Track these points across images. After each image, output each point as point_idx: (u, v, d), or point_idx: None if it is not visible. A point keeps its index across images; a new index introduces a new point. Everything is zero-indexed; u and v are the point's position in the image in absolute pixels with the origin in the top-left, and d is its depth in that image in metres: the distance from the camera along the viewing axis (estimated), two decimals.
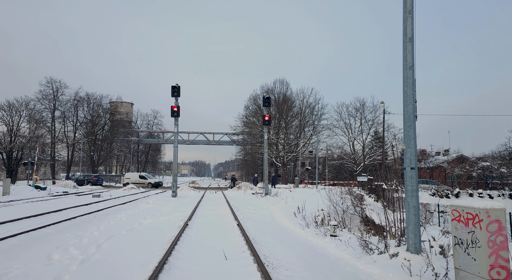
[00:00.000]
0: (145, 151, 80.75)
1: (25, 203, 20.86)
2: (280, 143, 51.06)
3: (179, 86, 25.68)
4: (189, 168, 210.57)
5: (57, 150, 63.68)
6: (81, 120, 64.27)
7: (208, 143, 68.63)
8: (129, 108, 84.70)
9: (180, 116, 26.31)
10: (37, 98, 59.46)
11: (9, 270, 6.22)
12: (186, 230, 10.88)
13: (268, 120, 28.29)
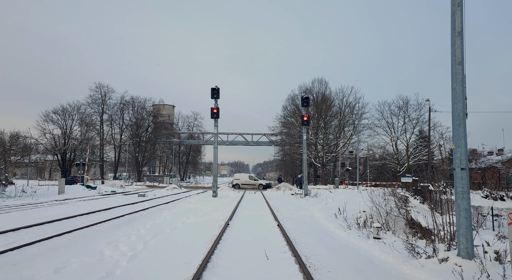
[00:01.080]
0: (186, 152, 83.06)
1: (78, 201, 22.27)
2: (319, 143, 50.40)
3: (218, 88, 26.17)
4: (228, 169, 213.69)
5: (105, 151, 67.34)
6: (127, 122, 67.51)
7: (247, 144, 69.23)
8: (171, 110, 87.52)
9: (219, 117, 26.80)
10: (87, 102, 63.38)
11: (67, 263, 6.69)
12: (227, 229, 11.08)
13: (306, 120, 28.03)
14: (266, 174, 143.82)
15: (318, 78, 52.87)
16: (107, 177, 74.44)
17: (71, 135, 58.02)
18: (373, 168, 53.51)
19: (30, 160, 40.03)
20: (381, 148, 51.67)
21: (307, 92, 48.98)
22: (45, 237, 9.19)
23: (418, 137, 47.90)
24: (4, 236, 9.53)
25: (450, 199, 8.51)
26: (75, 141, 58.10)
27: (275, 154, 76.88)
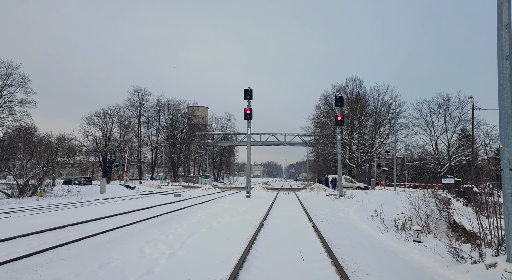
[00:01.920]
0: (219, 153, 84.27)
1: (118, 201, 23.23)
2: (353, 143, 49.34)
3: (251, 89, 26.33)
4: (261, 169, 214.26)
5: (142, 153, 69.86)
6: (163, 124, 69.68)
7: (280, 144, 69.11)
8: (205, 112, 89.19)
9: (252, 118, 26.95)
10: (126, 105, 66.13)
11: (111, 260, 7.01)
12: (262, 230, 11.12)
13: (340, 120, 27.54)
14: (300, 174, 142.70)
15: (352, 77, 51.76)
16: (145, 177, 77.06)
17: (111, 137, 60.71)
18: (411, 168, 51.61)
19: (75, 161, 42.26)
20: (420, 148, 49.74)
21: (341, 92, 48.11)
22: (90, 234, 9.68)
23: (461, 136, 45.63)
24: (53, 233, 10.14)
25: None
26: (115, 143, 60.72)
27: (309, 154, 76.28)
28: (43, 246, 8.23)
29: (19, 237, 9.22)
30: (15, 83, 45.11)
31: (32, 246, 8.30)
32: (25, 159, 29.74)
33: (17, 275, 5.99)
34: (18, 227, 11.01)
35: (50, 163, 28.84)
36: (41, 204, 20.56)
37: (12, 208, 18.09)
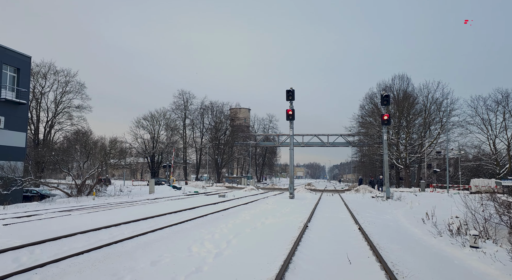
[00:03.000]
0: (262, 154, 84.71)
1: (166, 201, 24.15)
2: (401, 143, 47.31)
3: (293, 90, 26.21)
4: (304, 170, 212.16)
5: (188, 154, 72.07)
6: (207, 126, 71.46)
7: (323, 145, 68.02)
8: (247, 113, 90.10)
9: (295, 119, 26.79)
10: (172, 108, 68.73)
11: (161, 257, 7.32)
12: (306, 231, 11.02)
13: (387, 119, 26.55)
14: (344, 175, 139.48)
15: (399, 75, 49.64)
16: (190, 178, 79.40)
17: (158, 140, 63.41)
18: (465, 169, 48.45)
19: (126, 162, 44.62)
20: (475, 148, 46.57)
21: (387, 90, 46.36)
22: (141, 232, 10.16)
23: None
24: (108, 230, 10.78)
25: None
26: (162, 145, 63.29)
27: (353, 155, 74.35)
28: (100, 242, 8.78)
29: (79, 234, 9.91)
30: (73, 90, 48.70)
31: (91, 242, 8.88)
32: (82, 160, 31.89)
33: (79, 268, 6.45)
34: (78, 224, 11.84)
35: (104, 164, 30.68)
36: (97, 203, 21.92)
37: (72, 206, 19.47)
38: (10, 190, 23.08)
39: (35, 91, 45.31)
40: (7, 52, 24.93)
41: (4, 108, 24.30)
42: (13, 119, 25.00)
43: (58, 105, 47.95)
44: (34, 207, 19.96)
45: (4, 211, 17.06)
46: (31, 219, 13.51)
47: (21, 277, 5.86)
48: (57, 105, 47.87)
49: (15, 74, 25.83)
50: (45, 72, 46.31)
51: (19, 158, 25.29)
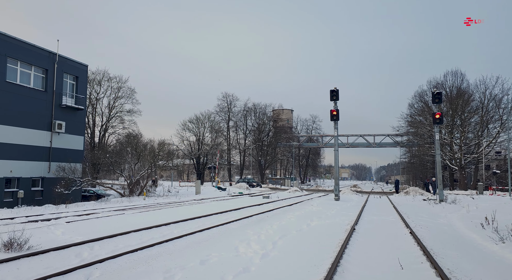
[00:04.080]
0: (305, 155, 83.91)
1: (212, 201, 24.72)
2: (455, 143, 44.53)
3: (337, 90, 25.70)
4: (349, 171, 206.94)
5: (232, 155, 73.30)
6: (250, 128, 72.20)
7: (369, 145, 65.92)
8: (289, 114, 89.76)
9: (339, 119, 26.25)
10: (216, 111, 70.35)
11: (210, 257, 7.51)
12: (353, 234, 10.74)
13: (439, 118, 25.14)
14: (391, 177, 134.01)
15: (452, 71, 46.79)
16: (234, 179, 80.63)
17: (203, 142, 65.16)
18: None
19: (173, 163, 46.31)
20: None
21: (438, 87, 43.90)
22: (190, 232, 10.49)
23: None
24: (159, 229, 11.26)
25: None
26: (207, 146, 64.93)
27: (401, 155, 71.30)
28: (152, 241, 9.19)
29: (132, 232, 10.45)
30: (124, 95, 51.57)
31: (143, 240, 9.33)
32: (133, 162, 33.57)
33: (133, 265, 6.81)
34: (131, 223, 12.50)
35: (153, 165, 32.06)
36: (147, 203, 22.97)
37: (125, 206, 20.58)
38: (70, 189, 24.89)
39: (91, 97, 48.54)
40: (68, 62, 26.97)
41: (65, 114, 26.29)
42: (72, 124, 26.96)
43: (111, 110, 51.02)
44: (92, 206, 21.36)
45: (66, 210, 18.43)
46: (89, 217, 14.47)
47: (84, 271, 6.30)
48: (111, 110, 50.96)
49: (74, 82, 27.85)
50: (100, 79, 49.53)
51: (78, 160, 27.20)
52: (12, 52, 22.64)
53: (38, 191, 24.26)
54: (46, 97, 24.94)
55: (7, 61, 22.38)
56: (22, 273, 6.15)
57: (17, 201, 22.27)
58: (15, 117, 22.51)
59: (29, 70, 24.08)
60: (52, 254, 7.66)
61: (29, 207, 21.35)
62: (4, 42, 22.15)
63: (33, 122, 23.79)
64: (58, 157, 25.51)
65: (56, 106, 25.52)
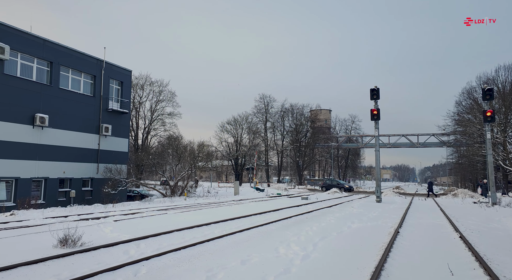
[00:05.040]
0: (344, 156, 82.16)
1: (250, 202, 24.88)
2: (508, 142, 41.52)
3: (378, 89, 24.94)
4: (390, 173, 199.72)
5: (269, 156, 73.37)
6: (287, 129, 71.92)
7: (412, 146, 63.25)
8: (327, 115, 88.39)
9: (380, 119, 25.45)
10: (253, 112, 70.84)
11: (250, 257, 7.56)
12: (398, 237, 10.35)
13: (490, 116, 23.60)
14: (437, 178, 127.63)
15: (505, 65, 43.57)
16: (272, 180, 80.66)
17: (241, 143, 65.83)
18: None
19: (212, 164, 47.23)
20: None
21: (489, 83, 41.18)
22: (230, 232, 10.63)
23: None
24: (200, 229, 11.52)
25: None
26: (245, 148, 65.52)
27: (448, 156, 67.71)
28: (194, 240, 9.42)
29: (175, 231, 10.78)
30: (165, 98, 53.44)
31: (186, 239, 9.58)
32: (174, 163, 34.64)
33: (177, 263, 7.02)
34: (173, 222, 12.90)
35: (193, 166, 32.88)
36: (188, 203, 23.58)
37: (167, 206, 21.27)
38: (117, 190, 26.16)
39: (135, 101, 50.76)
40: (113, 68, 28.42)
41: (111, 117, 27.70)
42: (118, 127, 28.34)
43: (153, 113, 53.04)
44: (136, 205, 22.30)
45: (113, 209, 19.39)
46: (135, 216, 15.12)
47: (132, 267, 6.59)
48: (152, 113, 52.99)
49: (119, 87, 29.28)
50: (142, 83, 51.71)
51: (123, 161, 28.53)
52: (65, 60, 24.22)
53: (88, 190, 25.73)
54: (94, 102, 26.42)
55: (60, 69, 23.97)
56: (77, 268, 6.54)
57: (70, 200, 23.76)
58: (67, 121, 24.05)
59: (79, 77, 25.64)
60: (102, 250, 8.09)
61: (80, 206, 22.72)
62: (58, 51, 23.75)
63: (83, 126, 25.29)
64: (105, 159, 26.91)
65: (103, 110, 26.96)
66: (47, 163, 22.56)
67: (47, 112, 22.46)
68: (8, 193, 20.49)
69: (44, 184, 22.53)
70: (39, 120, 21.61)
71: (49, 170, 22.71)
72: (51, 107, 22.91)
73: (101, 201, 24.49)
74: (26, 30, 21.81)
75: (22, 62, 21.64)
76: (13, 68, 21.09)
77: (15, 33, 21.02)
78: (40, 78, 22.74)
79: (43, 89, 22.58)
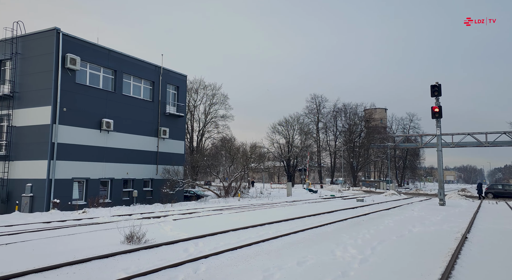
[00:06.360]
0: (402, 156, 78.27)
1: (304, 203, 24.67)
2: None
3: (439, 85, 23.42)
4: (455, 174, 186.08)
5: (322, 157, 72.21)
6: (340, 129, 70.27)
7: (479, 145, 58.45)
8: (383, 114, 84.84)
9: (442, 117, 23.85)
10: (305, 113, 70.31)
11: (306, 258, 7.49)
12: (466, 243, 9.62)
13: None
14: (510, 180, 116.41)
15: None
16: (324, 181, 79.23)
17: (293, 144, 65.55)
18: None
19: (264, 166, 47.59)
20: None
21: None
22: (285, 233, 10.63)
23: None
24: (255, 229, 11.66)
25: None
26: (296, 149, 65.14)
27: None
28: (249, 240, 9.56)
29: (231, 231, 11.02)
30: (218, 101, 54.95)
31: (241, 239, 9.76)
32: (227, 164, 35.46)
33: (234, 262, 7.17)
34: (228, 222, 13.20)
35: (246, 168, 33.38)
36: (242, 204, 23.99)
37: (222, 206, 21.84)
38: (174, 190, 27.40)
39: (190, 104, 52.84)
40: (170, 74, 29.87)
41: (168, 121, 29.12)
42: (174, 130, 29.70)
43: (207, 116, 54.80)
44: (193, 205, 23.18)
45: (172, 208, 20.36)
46: (192, 216, 15.72)
47: (192, 265, 6.86)
48: (206, 116, 54.76)
49: (175, 92, 30.68)
50: (196, 87, 53.67)
51: (180, 163, 29.82)
52: (127, 68, 25.95)
53: (148, 191, 27.26)
54: (153, 107, 27.95)
55: (123, 76, 25.73)
56: (142, 263, 6.96)
57: (133, 199, 25.35)
58: (129, 125, 25.71)
59: (140, 83, 27.30)
60: (164, 247, 8.53)
61: (142, 205, 24.14)
62: (121, 60, 25.53)
63: (143, 130, 26.87)
64: (163, 160, 28.33)
65: (161, 114, 28.41)
66: (112, 164, 24.29)
67: (112, 117, 24.18)
68: (80, 192, 22.40)
69: (110, 184, 24.29)
70: (105, 125, 23.36)
71: (114, 171, 24.43)
72: (115, 113, 24.64)
73: (161, 200, 25.79)
74: (93, 42, 23.71)
75: (91, 72, 23.55)
76: (83, 78, 23.02)
77: (84, 45, 22.94)
78: (106, 85, 24.57)
79: (108, 96, 24.37)
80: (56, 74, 20.90)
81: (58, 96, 20.87)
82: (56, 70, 20.94)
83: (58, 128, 20.84)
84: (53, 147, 20.57)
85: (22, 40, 22.22)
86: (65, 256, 7.45)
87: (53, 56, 20.92)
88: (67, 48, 21.54)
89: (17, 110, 21.80)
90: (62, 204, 20.24)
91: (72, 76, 21.89)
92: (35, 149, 20.90)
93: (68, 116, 21.46)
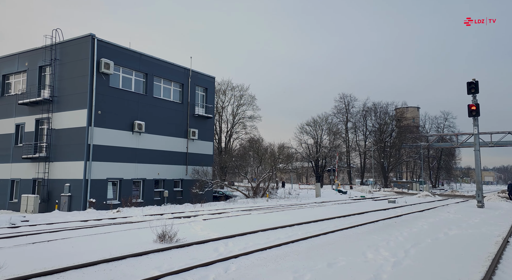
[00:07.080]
0: (436, 156, 75.39)
1: (333, 204, 24.32)
2: None
3: (476, 82, 22.38)
4: (494, 175, 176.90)
5: (351, 158, 70.89)
6: (370, 129, 68.66)
7: None
8: (415, 112, 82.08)
9: (479, 115, 22.78)
10: (333, 113, 69.27)
11: (337, 260, 7.38)
12: (508, 247, 9.15)
13: None
14: None
15: None
16: (354, 182, 77.69)
17: (321, 144, 64.77)
18: None
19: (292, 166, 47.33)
20: None
21: None
22: (314, 234, 10.52)
23: None
24: (284, 230, 11.62)
25: None
26: (325, 149, 64.31)
27: None
28: (278, 241, 9.54)
29: (260, 231, 11.05)
30: (246, 102, 55.24)
31: (270, 239, 9.76)
32: (255, 165, 35.58)
33: (264, 262, 7.18)
34: (257, 223, 13.23)
35: (274, 168, 33.34)
36: (270, 204, 23.99)
37: (250, 207, 21.93)
38: (204, 190, 27.82)
39: (218, 106, 53.47)
40: (199, 76, 30.38)
41: (197, 122, 29.61)
42: (203, 131, 30.16)
43: (235, 117, 55.22)
44: (222, 205, 23.43)
45: (201, 208, 20.68)
46: (221, 216, 15.90)
47: (222, 264, 6.94)
48: (234, 117, 55.19)
49: (204, 93, 31.16)
50: (224, 89, 54.22)
51: (208, 164, 30.24)
52: (157, 71, 26.65)
53: (178, 191, 27.83)
54: (182, 108, 28.52)
55: (154, 79, 26.44)
56: (174, 262, 7.12)
57: (163, 199, 25.98)
58: (160, 127, 26.38)
59: (169, 86, 27.95)
60: (195, 247, 8.68)
61: (172, 205, 24.69)
62: (152, 63, 26.25)
63: (173, 131, 27.48)
64: (192, 161, 28.83)
65: (190, 116, 28.94)
66: (144, 165, 25.01)
67: (143, 119, 24.91)
68: (114, 192, 23.23)
69: (142, 184, 25.01)
70: (137, 127, 24.09)
71: (145, 172, 25.13)
72: (147, 115, 25.35)
73: (190, 200, 26.26)
74: (126, 46, 24.54)
75: (123, 75, 24.37)
76: (116, 81, 23.86)
77: (117, 50, 23.79)
78: (137, 88, 25.34)
79: (140, 99, 25.12)
80: (91, 79, 21.81)
81: (93, 99, 21.76)
82: (92, 75, 21.85)
83: (94, 131, 21.72)
84: (89, 148, 21.47)
85: (60, 47, 23.36)
86: (101, 253, 7.75)
87: (89, 61, 21.86)
88: (101, 53, 22.42)
89: (56, 113, 22.93)
90: (98, 203, 21.07)
91: (106, 80, 22.74)
92: (72, 150, 21.90)
93: (102, 118, 22.33)
